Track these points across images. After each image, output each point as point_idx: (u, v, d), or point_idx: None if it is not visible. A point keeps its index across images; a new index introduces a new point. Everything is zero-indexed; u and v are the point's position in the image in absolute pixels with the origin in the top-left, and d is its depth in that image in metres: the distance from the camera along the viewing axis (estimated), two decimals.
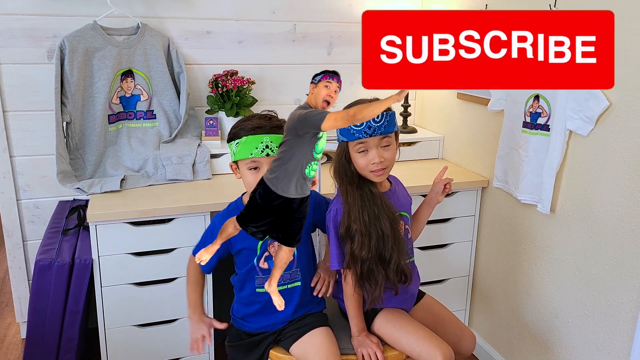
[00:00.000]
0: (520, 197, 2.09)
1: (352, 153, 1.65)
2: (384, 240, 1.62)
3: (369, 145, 1.63)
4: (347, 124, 1.22)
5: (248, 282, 1.67)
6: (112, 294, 1.99)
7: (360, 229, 1.61)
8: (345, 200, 1.65)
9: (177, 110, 2.41)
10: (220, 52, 2.52)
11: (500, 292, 2.34)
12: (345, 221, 1.64)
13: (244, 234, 1.59)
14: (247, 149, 1.54)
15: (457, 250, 2.44)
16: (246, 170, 1.57)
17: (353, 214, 1.62)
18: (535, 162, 2.01)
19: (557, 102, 1.88)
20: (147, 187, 2.18)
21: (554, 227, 2.01)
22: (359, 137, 1.61)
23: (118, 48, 2.26)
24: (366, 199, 1.64)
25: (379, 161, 1.62)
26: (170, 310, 2.09)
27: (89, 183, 2.13)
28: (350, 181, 1.66)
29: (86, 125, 2.25)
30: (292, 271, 1.66)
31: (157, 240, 2.01)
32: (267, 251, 1.64)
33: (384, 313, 1.74)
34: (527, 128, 2.03)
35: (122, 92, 2.33)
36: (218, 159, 2.36)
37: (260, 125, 1.55)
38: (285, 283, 1.65)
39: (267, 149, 1.53)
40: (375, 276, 1.63)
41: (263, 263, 1.65)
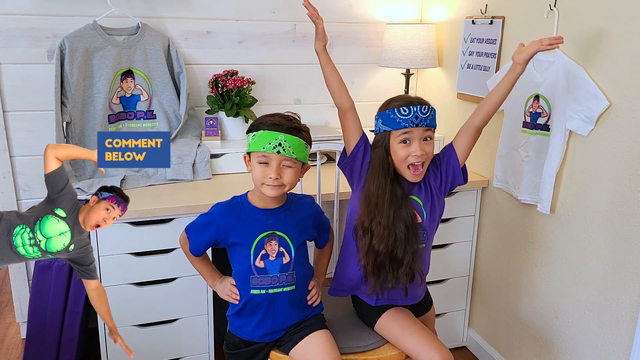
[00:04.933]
0: (520, 197, 2.09)
1: (393, 143, 1.63)
2: (397, 242, 1.62)
3: (412, 136, 1.61)
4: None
5: (244, 283, 1.64)
6: (112, 294, 1.97)
7: (382, 224, 1.61)
8: (374, 191, 1.64)
9: (177, 110, 2.41)
10: (220, 52, 2.52)
11: (500, 292, 2.34)
12: (371, 212, 1.64)
13: (241, 226, 1.61)
14: (260, 143, 1.54)
15: (457, 250, 2.44)
16: (256, 164, 1.57)
17: (380, 206, 1.62)
18: (535, 162, 2.01)
19: (557, 102, 1.88)
20: (147, 187, 2.18)
21: (554, 227, 2.01)
22: (405, 126, 1.60)
23: (118, 48, 2.26)
24: (393, 196, 1.64)
25: (420, 154, 1.61)
26: (171, 311, 2.09)
27: (89, 183, 2.13)
28: (386, 173, 1.64)
29: (86, 125, 2.25)
30: (288, 274, 1.64)
31: (157, 240, 2.00)
32: (263, 249, 1.62)
33: (390, 312, 1.74)
34: (527, 128, 2.03)
35: (122, 92, 2.33)
36: (218, 159, 2.36)
37: (279, 123, 1.55)
38: (282, 286, 1.63)
39: (279, 147, 1.52)
40: (385, 272, 1.65)
41: (259, 262, 1.62)
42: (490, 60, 2.25)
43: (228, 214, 1.62)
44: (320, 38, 1.67)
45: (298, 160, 1.57)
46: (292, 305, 1.67)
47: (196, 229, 1.66)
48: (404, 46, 2.51)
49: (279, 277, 1.63)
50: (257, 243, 1.61)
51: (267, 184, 1.56)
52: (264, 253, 1.62)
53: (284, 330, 1.68)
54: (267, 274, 1.62)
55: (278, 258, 1.62)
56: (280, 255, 1.62)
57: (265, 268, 1.62)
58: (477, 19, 2.32)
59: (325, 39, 1.68)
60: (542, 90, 1.96)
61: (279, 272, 1.63)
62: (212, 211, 1.65)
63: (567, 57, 1.86)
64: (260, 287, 1.63)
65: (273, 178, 1.54)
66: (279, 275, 1.63)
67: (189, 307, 2.10)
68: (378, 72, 2.79)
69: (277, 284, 1.63)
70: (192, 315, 2.11)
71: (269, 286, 1.63)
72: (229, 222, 1.62)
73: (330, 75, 1.69)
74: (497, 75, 2.17)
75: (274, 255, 1.62)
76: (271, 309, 1.65)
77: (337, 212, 2.12)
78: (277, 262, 1.62)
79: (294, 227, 1.64)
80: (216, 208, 1.65)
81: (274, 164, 1.54)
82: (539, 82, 1.97)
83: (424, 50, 2.51)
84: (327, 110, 2.75)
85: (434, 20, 2.66)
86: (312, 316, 1.72)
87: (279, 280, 1.63)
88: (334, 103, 1.71)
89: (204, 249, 1.67)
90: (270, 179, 1.54)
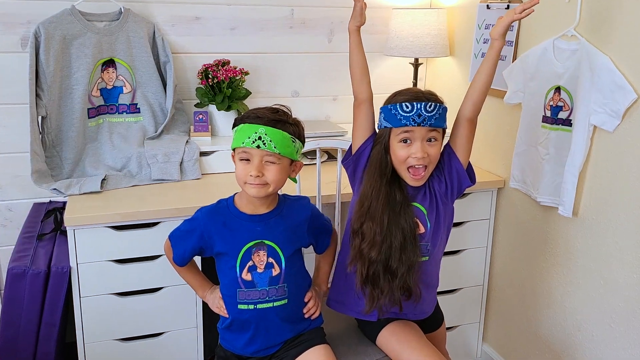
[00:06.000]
0: (539, 198, 2.10)
1: (393, 142, 1.63)
2: (392, 250, 1.62)
3: (414, 135, 1.60)
4: None
5: (230, 298, 1.64)
6: (92, 304, 1.99)
7: (374, 229, 1.61)
8: (368, 192, 1.64)
9: (163, 104, 2.40)
10: (211, 39, 2.52)
11: (518, 303, 2.34)
12: (362, 215, 1.63)
13: (226, 234, 1.60)
14: (241, 138, 1.55)
15: (470, 257, 2.44)
16: (238, 160, 1.57)
17: (373, 210, 1.62)
18: (556, 160, 2.01)
19: (580, 94, 1.88)
20: (131, 188, 2.18)
21: (576, 232, 2.02)
22: (405, 124, 1.59)
23: (98, 35, 2.26)
24: (390, 200, 1.63)
25: (421, 156, 1.59)
26: (157, 323, 2.09)
27: (67, 183, 2.13)
28: (382, 173, 1.64)
29: (63, 120, 2.25)
30: (279, 287, 1.63)
31: (141, 246, 2.00)
32: (251, 260, 1.60)
33: (391, 326, 1.75)
34: (547, 123, 2.04)
35: (103, 83, 2.33)
36: (208, 157, 2.35)
37: (262, 116, 1.55)
38: (271, 300, 1.62)
39: (259, 141, 1.52)
40: (380, 284, 1.63)
41: (246, 274, 1.61)
42: (507, 48, 2.24)
43: (213, 220, 1.62)
44: (356, 16, 1.72)
45: (283, 155, 1.55)
46: (285, 320, 1.66)
47: (180, 235, 1.66)
48: (412, 33, 2.51)
49: (268, 291, 1.62)
50: (243, 253, 1.60)
51: (249, 182, 1.55)
52: (251, 264, 1.61)
53: (279, 345, 1.68)
54: (255, 287, 1.61)
55: (267, 270, 1.61)
56: (269, 266, 1.62)
57: (252, 281, 1.61)
58: (492, 3, 2.33)
59: (362, 19, 1.72)
60: (564, 81, 1.97)
61: (268, 285, 1.62)
62: (196, 216, 1.65)
63: (591, 44, 1.86)
64: (247, 302, 1.62)
65: (254, 175, 1.53)
66: (268, 289, 1.62)
67: (177, 319, 2.10)
68: (383, 62, 2.79)
69: (266, 298, 1.62)
70: (180, 329, 2.11)
71: (257, 301, 1.62)
72: (214, 228, 1.61)
73: (357, 59, 1.72)
74: (514, 65, 2.18)
75: (262, 267, 1.61)
76: (261, 325, 1.64)
77: (338, 215, 2.13)
78: (266, 274, 1.61)
79: (284, 235, 1.63)
80: (200, 213, 1.65)
81: (256, 160, 1.54)
82: (560, 72, 1.97)
83: (434, 38, 2.51)
84: (327, 104, 2.76)
85: (445, 5, 2.66)
86: (310, 330, 1.72)
87: (268, 295, 1.62)
88: (353, 91, 1.73)
89: (188, 258, 1.67)
90: (251, 177, 1.54)
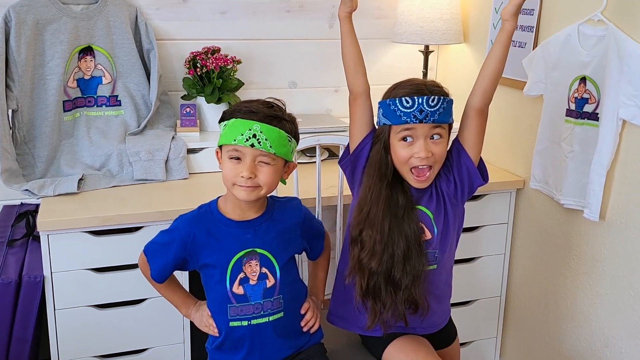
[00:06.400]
0: (562, 200, 2.09)
1: (393, 140, 1.62)
2: (395, 260, 1.62)
3: (416, 133, 1.59)
4: None
5: (220, 315, 1.63)
6: (68, 318, 1.99)
7: (374, 237, 1.61)
8: (367, 196, 1.64)
9: (147, 96, 2.40)
10: (199, 24, 2.52)
11: (539, 316, 2.34)
12: (361, 222, 1.63)
13: (212, 243, 1.60)
14: (231, 134, 1.53)
15: (486, 265, 2.44)
16: (226, 159, 1.56)
17: (372, 216, 1.62)
18: (582, 158, 2.01)
19: (608, 85, 1.88)
20: (111, 189, 2.18)
21: (603, 237, 2.01)
22: (406, 121, 1.58)
23: (75, 20, 2.26)
24: (392, 205, 1.63)
25: (424, 155, 1.59)
26: (139, 339, 2.09)
27: (40, 184, 2.13)
28: (382, 175, 1.64)
29: (36, 114, 2.25)
30: (274, 299, 1.63)
31: (122, 254, 2.00)
32: (242, 271, 1.60)
33: (398, 341, 1.73)
34: (572, 117, 2.03)
35: (80, 73, 2.33)
36: (196, 155, 2.36)
37: (256, 111, 1.54)
38: (266, 315, 1.62)
39: (254, 139, 1.51)
40: (382, 297, 1.63)
41: (237, 287, 1.60)
42: (527, 34, 2.25)
43: (195, 228, 1.61)
44: (346, 1, 1.71)
45: (278, 156, 1.56)
46: (282, 336, 1.66)
47: (157, 249, 1.65)
48: (422, 18, 2.51)
49: (263, 305, 1.62)
50: (233, 264, 1.60)
51: (238, 184, 1.54)
52: (242, 276, 1.61)
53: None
54: (248, 301, 1.61)
55: (260, 281, 1.61)
56: (263, 277, 1.61)
57: (245, 295, 1.61)
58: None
59: (353, 4, 1.72)
60: (590, 71, 1.96)
61: (263, 298, 1.62)
62: (176, 226, 1.64)
63: (620, 30, 1.86)
64: (240, 318, 1.62)
65: (246, 177, 1.52)
66: (263, 303, 1.62)
67: (162, 334, 2.10)
68: (390, 49, 2.79)
69: (261, 312, 1.62)
70: (165, 345, 2.11)
71: (251, 316, 1.62)
72: (198, 238, 1.60)
73: (349, 48, 1.72)
74: (534, 53, 2.17)
75: (255, 279, 1.61)
76: (256, 342, 1.64)
77: (340, 219, 2.13)
78: (260, 286, 1.61)
79: (277, 242, 1.63)
80: (180, 222, 1.64)
81: (248, 159, 1.53)
82: (586, 61, 1.97)
83: (447, 23, 2.52)
84: (328, 96, 2.76)
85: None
86: (310, 346, 1.72)
87: (262, 309, 1.62)
88: (347, 84, 1.72)
89: (168, 273, 1.66)
90: (242, 179, 1.53)
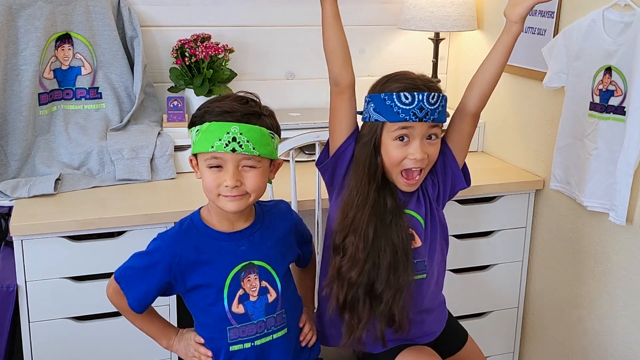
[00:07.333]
0: (586, 202, 2.10)
1: (386, 140, 1.63)
2: (379, 271, 1.62)
3: (413, 132, 1.60)
4: None
5: (218, 340, 1.59)
6: (43, 330, 1.99)
7: (357, 244, 1.61)
8: (354, 200, 1.64)
9: (130, 88, 2.41)
10: (188, 10, 2.53)
11: (560, 329, 2.35)
12: (345, 228, 1.64)
13: (203, 261, 1.57)
14: (207, 140, 1.49)
15: (502, 273, 2.45)
16: (205, 168, 1.52)
17: (358, 221, 1.62)
18: (607, 156, 2.02)
19: (636, 76, 1.89)
20: (91, 190, 2.19)
21: (631, 243, 2.02)
22: (405, 118, 1.58)
23: (52, 5, 2.28)
24: (379, 209, 1.63)
25: (420, 157, 1.60)
26: (122, 354, 2.09)
27: (13, 184, 2.13)
28: (372, 178, 1.64)
29: (9, 108, 2.25)
30: (277, 314, 1.61)
31: (103, 261, 2.00)
32: (240, 288, 1.58)
33: (407, 352, 1.74)
34: (596, 111, 2.04)
35: (57, 63, 2.34)
36: (184, 152, 2.36)
37: (231, 110, 1.50)
38: (270, 333, 1.60)
39: (234, 143, 1.47)
40: (358, 311, 1.64)
41: (237, 306, 1.57)
42: (547, 20, 2.26)
43: (182, 247, 1.56)
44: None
45: (263, 157, 1.53)
46: (287, 355, 1.64)
47: (134, 274, 1.58)
48: (432, 2, 2.52)
49: (266, 322, 1.60)
50: (230, 281, 1.57)
51: (223, 194, 1.51)
52: (242, 293, 1.58)
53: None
54: (250, 320, 1.59)
55: (261, 296, 1.59)
56: (264, 292, 1.60)
57: (246, 313, 1.58)
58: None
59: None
60: (616, 61, 1.97)
61: (265, 315, 1.60)
62: (157, 246, 1.58)
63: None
64: (242, 340, 1.58)
65: (231, 186, 1.49)
66: (266, 320, 1.60)
67: (145, 349, 2.07)
68: (398, 37, 2.80)
69: (265, 331, 1.60)
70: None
71: (255, 337, 1.59)
72: (185, 258, 1.56)
73: (332, 35, 1.68)
74: (555, 41, 2.18)
75: (255, 294, 1.59)
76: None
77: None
78: (261, 302, 1.59)
79: (274, 251, 1.62)
80: (162, 241, 1.58)
81: (230, 166, 1.50)
82: (612, 50, 1.98)
83: (459, 8, 2.53)
84: (328, 88, 2.71)
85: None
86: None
87: (266, 326, 1.60)
88: (332, 75, 1.70)
89: (150, 301, 1.60)
90: (226, 188, 1.49)
